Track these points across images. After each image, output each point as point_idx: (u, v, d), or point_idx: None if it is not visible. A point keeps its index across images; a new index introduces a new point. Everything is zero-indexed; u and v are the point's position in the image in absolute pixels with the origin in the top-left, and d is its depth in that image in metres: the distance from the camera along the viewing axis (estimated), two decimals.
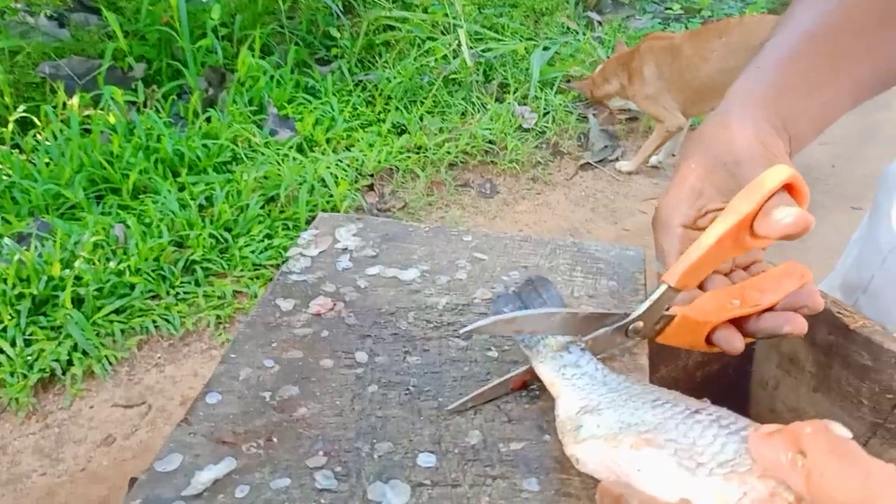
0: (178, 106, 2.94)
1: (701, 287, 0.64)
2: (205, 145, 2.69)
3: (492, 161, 2.95)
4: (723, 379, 0.89)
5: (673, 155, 3.04)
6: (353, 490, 0.51)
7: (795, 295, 0.58)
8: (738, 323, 0.61)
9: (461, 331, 0.58)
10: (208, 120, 2.83)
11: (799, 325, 0.57)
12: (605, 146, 3.07)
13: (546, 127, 3.11)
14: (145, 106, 2.87)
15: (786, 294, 0.58)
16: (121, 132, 2.65)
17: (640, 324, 0.61)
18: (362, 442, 0.55)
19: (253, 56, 3.02)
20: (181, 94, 3.02)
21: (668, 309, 0.60)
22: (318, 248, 0.72)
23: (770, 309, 0.58)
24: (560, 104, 3.21)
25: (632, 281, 0.71)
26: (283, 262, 0.71)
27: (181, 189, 2.56)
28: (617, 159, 3.04)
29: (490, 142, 2.97)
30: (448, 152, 2.88)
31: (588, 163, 3.01)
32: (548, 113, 3.16)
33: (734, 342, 0.58)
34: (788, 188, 0.55)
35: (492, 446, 0.55)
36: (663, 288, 0.58)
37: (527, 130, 3.07)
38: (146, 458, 1.86)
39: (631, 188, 2.92)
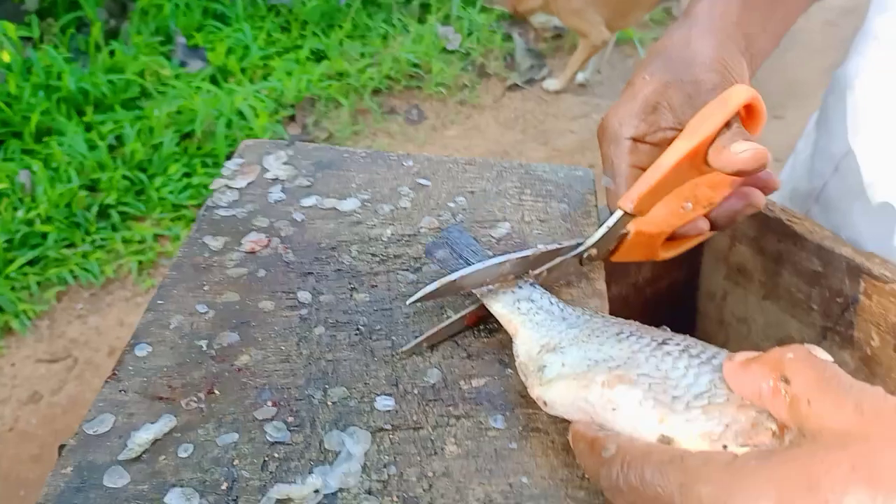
0: (78, 40, 2.74)
1: None
2: (110, 81, 2.52)
3: (417, 86, 2.86)
4: (672, 294, 0.88)
5: (599, 72, 3.01)
6: (309, 440, 0.47)
7: (751, 178, 0.57)
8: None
9: (408, 302, 0.54)
10: (112, 54, 2.65)
11: (756, 199, 0.56)
12: (532, 66, 3.01)
13: (471, 48, 3.03)
14: (42, 41, 2.67)
15: (740, 182, 0.56)
16: (17, 71, 2.46)
17: (595, 251, 0.58)
18: (313, 389, 0.50)
19: None
20: (80, 27, 2.81)
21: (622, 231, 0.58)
22: (246, 179, 0.66)
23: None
24: (484, 23, 3.12)
25: (583, 203, 0.68)
26: (208, 195, 0.65)
27: (88, 129, 2.40)
28: (544, 79, 2.99)
29: (415, 65, 2.88)
30: (371, 78, 2.78)
31: (515, 84, 2.96)
32: (472, 33, 3.08)
33: (700, 225, 0.57)
34: (748, 108, 0.53)
35: (452, 385, 0.51)
36: (618, 214, 0.56)
37: (451, 52, 2.99)
38: (77, 414, 1.79)
39: (560, 108, 2.89)
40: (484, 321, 0.56)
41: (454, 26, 3.08)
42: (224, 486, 0.44)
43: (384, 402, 0.50)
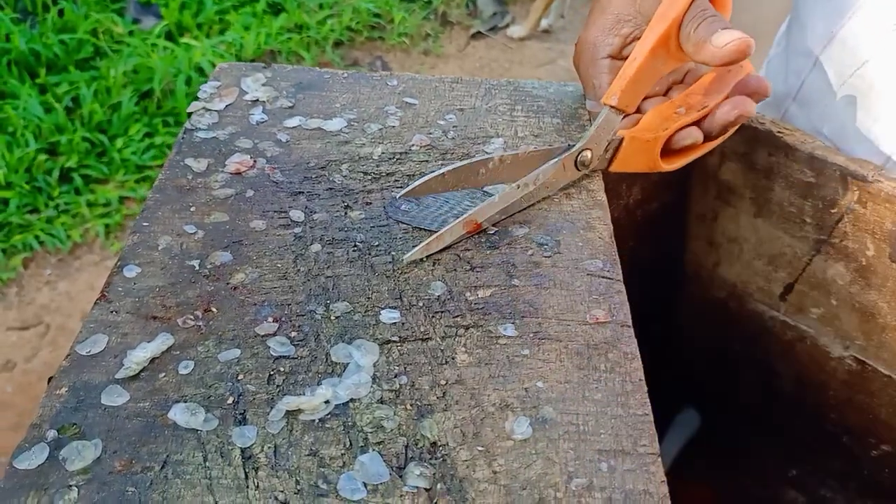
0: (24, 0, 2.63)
1: (641, 113, 0.61)
2: (62, 41, 2.43)
3: (380, 37, 2.81)
4: (663, 216, 0.87)
5: (563, 17, 2.98)
6: (315, 354, 0.45)
7: (742, 84, 0.57)
8: None
9: (396, 197, 0.52)
10: (61, 13, 2.55)
11: (747, 107, 0.56)
12: (495, 13, 2.97)
13: None
14: None
15: (730, 88, 0.56)
16: None
17: (588, 153, 0.57)
18: (315, 304, 0.48)
19: None
20: None
21: (614, 134, 0.57)
22: (224, 102, 0.63)
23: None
24: None
25: (575, 117, 0.66)
26: (187, 117, 0.62)
27: (43, 91, 2.32)
28: (507, 26, 2.95)
29: (376, 16, 2.81)
30: (332, 30, 2.72)
31: (479, 32, 2.91)
32: None
33: (693, 135, 0.56)
34: None
35: (458, 296, 0.50)
36: (605, 111, 0.55)
37: (413, 1, 2.93)
38: None
39: (524, 55, 2.86)
40: (483, 229, 0.54)
41: None
42: (230, 401, 0.42)
43: (389, 315, 0.48)
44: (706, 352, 0.93)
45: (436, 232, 0.53)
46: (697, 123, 0.59)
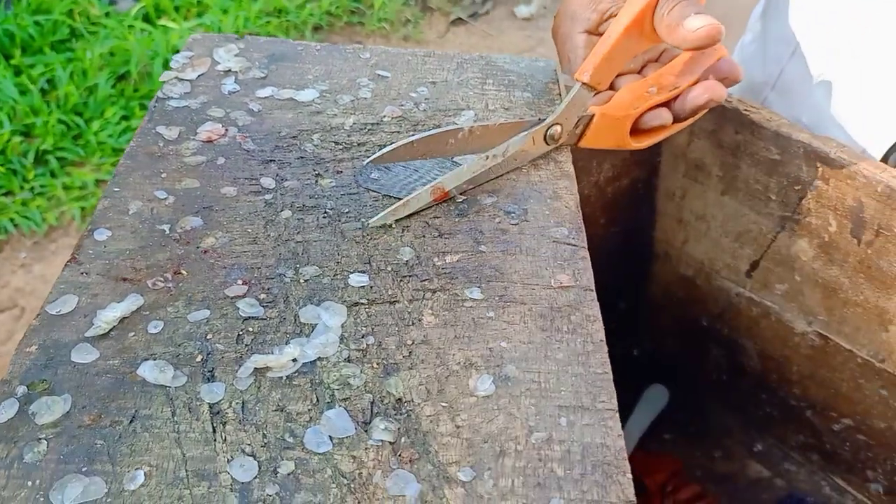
0: None
1: (614, 90, 0.62)
2: (37, 22, 2.40)
3: (359, 22, 2.80)
4: (632, 193, 0.88)
5: (545, 7, 2.98)
6: (283, 315, 0.46)
7: (714, 68, 0.58)
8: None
9: (364, 163, 0.53)
10: None
11: (716, 91, 0.57)
12: (475, 0, 2.97)
13: None
14: None
15: (701, 73, 0.57)
16: None
17: (558, 128, 0.58)
18: (284, 268, 0.49)
19: None
20: None
21: (585, 110, 0.58)
22: (197, 72, 0.63)
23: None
24: None
25: (546, 92, 0.67)
26: (158, 88, 0.62)
27: (17, 73, 2.29)
28: (487, 12, 2.95)
29: (356, 0, 2.80)
30: (311, 14, 2.70)
31: (459, 18, 2.91)
32: None
33: (662, 116, 0.57)
34: None
35: (426, 261, 0.51)
36: (577, 87, 0.56)
37: None
38: None
39: (504, 42, 2.86)
40: (450, 196, 0.55)
41: None
42: (199, 359, 0.43)
43: (358, 279, 0.49)
44: (674, 328, 0.95)
45: (405, 198, 0.54)
46: (668, 104, 0.59)
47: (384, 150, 0.52)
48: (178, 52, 2.18)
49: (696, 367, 0.94)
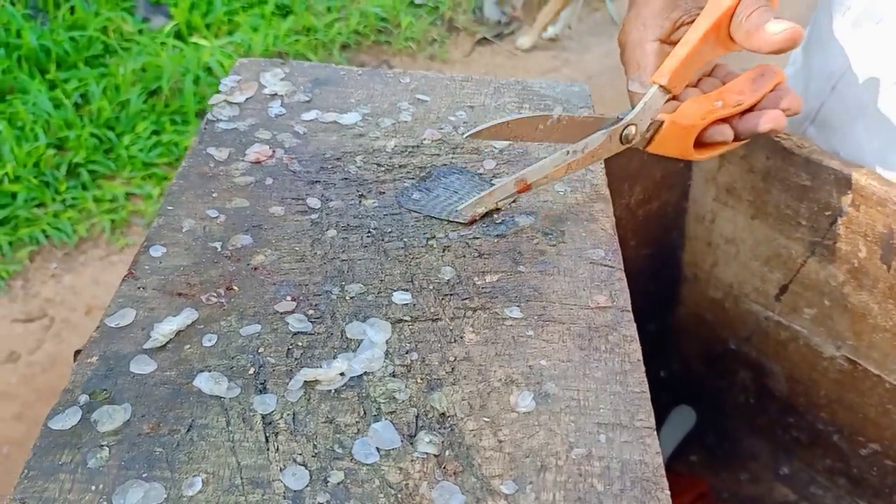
0: None
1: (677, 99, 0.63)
2: (72, 38, 2.45)
3: (386, 41, 2.84)
4: (663, 216, 0.89)
5: (569, 27, 3.01)
6: (331, 331, 0.48)
7: (774, 95, 0.59)
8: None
9: (465, 135, 0.56)
10: (72, 10, 2.57)
11: (780, 121, 0.58)
12: (500, 20, 3.00)
13: (439, 1, 3.00)
14: None
15: (763, 94, 0.58)
16: None
17: (633, 129, 0.59)
18: (331, 285, 0.51)
19: None
20: None
21: (657, 115, 0.59)
22: (245, 95, 0.66)
23: (751, 110, 0.58)
24: None
25: (583, 114, 0.69)
26: (207, 110, 0.64)
27: (52, 87, 2.34)
28: (512, 32, 2.98)
29: (383, 20, 2.85)
30: (339, 33, 2.75)
31: (484, 38, 2.94)
32: None
33: (725, 133, 0.58)
34: None
35: (466, 280, 0.52)
36: (653, 89, 0.58)
37: (419, 6, 2.96)
38: (57, 372, 1.77)
39: (529, 62, 2.89)
40: (492, 217, 0.57)
41: None
42: (251, 371, 0.45)
43: (401, 297, 0.50)
44: (702, 350, 0.96)
45: (445, 220, 0.56)
46: (729, 121, 0.61)
47: (482, 127, 0.53)
48: (208, 68, 2.21)
49: (723, 390, 0.95)
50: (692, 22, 0.58)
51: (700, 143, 0.61)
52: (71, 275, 2.00)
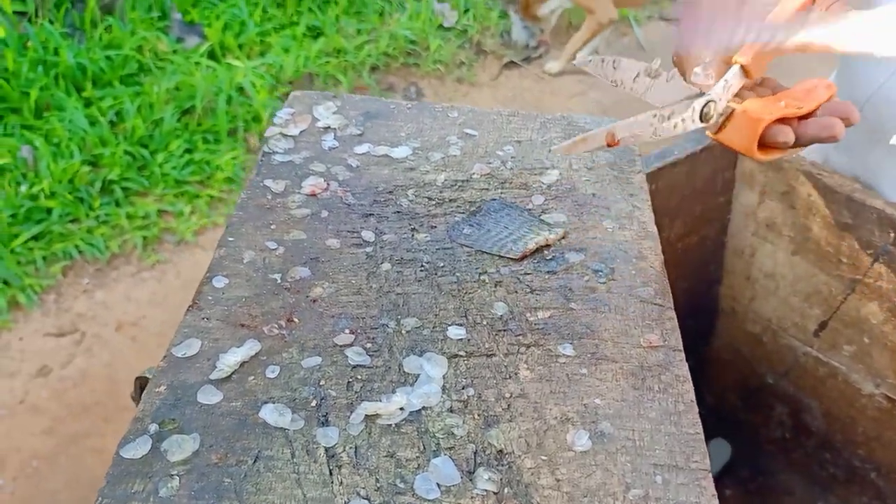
0: (73, 16, 2.71)
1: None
2: (108, 57, 2.50)
3: (415, 63, 2.87)
4: (701, 250, 0.90)
5: (596, 52, 3.02)
6: (388, 364, 0.49)
7: (831, 105, 0.61)
8: None
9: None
10: (108, 29, 2.62)
11: (839, 129, 0.58)
12: (528, 44, 3.02)
13: (468, 25, 3.03)
14: (37, 16, 2.64)
15: (820, 103, 0.59)
16: (13, 46, 2.43)
17: (712, 106, 0.59)
18: (387, 319, 0.52)
19: None
20: (74, 3, 2.79)
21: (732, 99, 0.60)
22: (299, 128, 0.67)
23: (808, 116, 0.59)
24: (480, 0, 3.12)
25: (628, 151, 0.70)
26: (263, 142, 0.66)
27: (88, 105, 2.39)
28: (540, 56, 3.00)
29: (412, 42, 2.88)
30: (369, 55, 2.78)
31: (512, 61, 2.97)
32: (468, 10, 3.08)
33: (787, 134, 0.59)
34: None
35: (519, 316, 0.53)
36: (735, 68, 0.59)
37: (448, 29, 2.99)
38: (88, 387, 1.79)
39: (556, 86, 2.90)
40: (543, 254, 0.57)
41: (450, 3, 3.08)
42: (314, 404, 0.46)
43: (456, 332, 0.51)
44: (738, 384, 0.96)
45: (497, 255, 0.57)
46: (790, 123, 0.62)
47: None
48: (241, 88, 2.24)
49: (759, 424, 0.95)
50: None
51: (762, 144, 0.62)
52: (102, 290, 2.03)
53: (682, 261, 0.88)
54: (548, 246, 0.58)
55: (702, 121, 0.59)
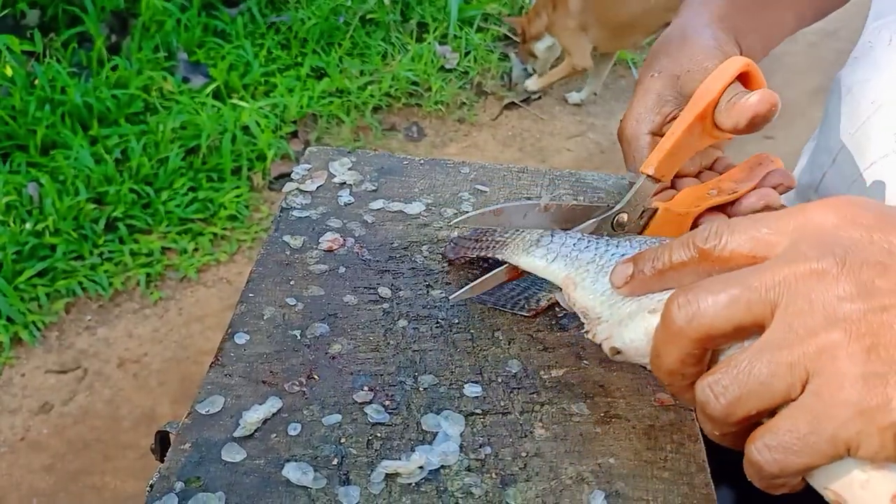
0: (80, 55, 2.75)
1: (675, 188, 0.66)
2: (114, 96, 2.54)
3: (417, 103, 2.91)
4: None
5: (595, 94, 3.07)
6: (407, 422, 0.50)
7: (769, 176, 0.63)
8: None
9: (450, 223, 0.62)
10: (114, 69, 2.66)
11: (773, 198, 0.61)
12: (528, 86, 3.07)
13: (468, 67, 3.08)
14: (44, 56, 2.68)
15: (758, 182, 0.62)
16: (21, 85, 2.47)
17: (625, 216, 0.62)
18: (405, 376, 0.53)
19: None
20: (81, 43, 2.83)
21: (650, 203, 0.62)
22: (316, 183, 0.69)
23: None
24: (481, 43, 3.18)
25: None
26: (283, 197, 0.68)
27: (93, 143, 2.42)
28: (540, 97, 3.05)
29: (414, 83, 2.92)
30: (372, 95, 2.82)
31: (512, 102, 3.01)
32: (469, 53, 3.14)
33: (720, 219, 0.61)
34: (744, 77, 0.59)
35: (533, 374, 0.54)
36: (642, 178, 0.61)
37: (449, 71, 3.04)
38: (89, 424, 1.79)
39: (556, 126, 2.95)
40: (555, 312, 0.59)
41: (451, 45, 3.14)
42: (335, 462, 0.47)
43: (472, 389, 0.53)
44: None
45: (510, 311, 0.58)
46: (724, 209, 0.64)
47: (468, 216, 0.57)
48: (246, 127, 2.28)
49: None
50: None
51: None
52: (105, 327, 2.04)
53: None
54: (558, 303, 0.60)
55: (615, 229, 0.61)
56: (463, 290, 0.57)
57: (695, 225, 0.64)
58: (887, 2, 0.81)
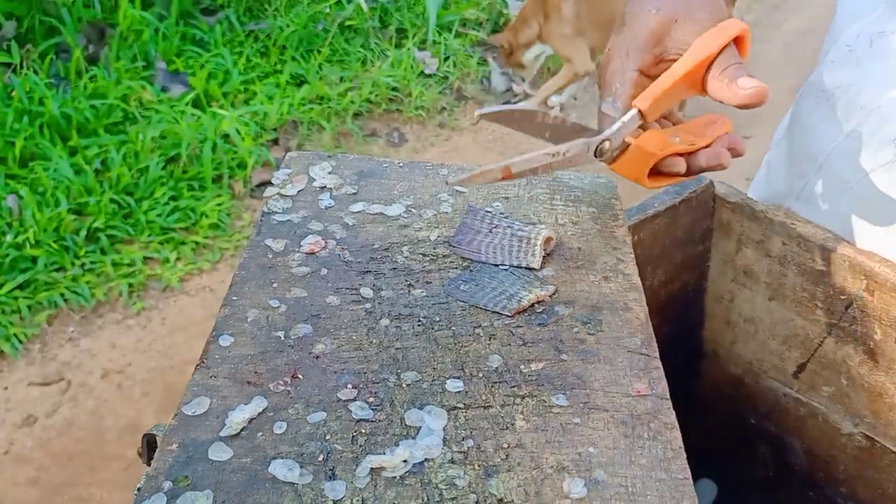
0: (58, 66, 2.74)
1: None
2: (93, 106, 2.53)
3: (397, 109, 2.92)
4: (683, 296, 0.93)
5: (574, 98, 3.10)
6: (391, 418, 0.51)
7: (723, 139, 0.66)
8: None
9: (477, 113, 0.65)
10: (93, 79, 2.66)
11: (724, 158, 0.65)
12: (507, 89, 3.09)
13: (448, 72, 3.10)
14: (21, 67, 2.67)
15: (713, 139, 0.65)
16: None
17: (607, 144, 0.65)
18: (388, 373, 0.54)
19: (133, 7, 2.84)
20: (59, 53, 2.82)
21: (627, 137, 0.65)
22: (296, 188, 0.70)
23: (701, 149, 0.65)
24: (460, 48, 3.20)
25: (610, 206, 0.73)
26: (264, 201, 0.69)
27: (73, 154, 2.41)
28: (519, 101, 3.07)
29: (394, 89, 2.93)
30: (352, 102, 2.83)
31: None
32: (448, 58, 3.15)
33: (680, 165, 0.65)
34: (737, 40, 0.63)
35: (514, 368, 0.56)
36: (633, 112, 0.64)
37: (429, 76, 3.05)
38: (73, 436, 1.78)
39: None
40: (534, 309, 0.60)
41: (431, 51, 3.15)
42: (321, 458, 0.48)
43: (454, 384, 0.54)
44: (722, 425, 0.98)
45: (491, 310, 0.60)
46: (682, 156, 0.66)
47: (495, 109, 0.65)
48: (226, 136, 2.28)
49: (743, 464, 0.97)
50: (672, 60, 0.64)
51: (655, 173, 0.66)
52: (88, 338, 2.03)
53: (666, 306, 0.92)
54: (539, 301, 0.61)
55: (596, 155, 0.64)
56: (461, 177, 0.61)
57: (655, 167, 0.66)
58: (857, 3, 0.82)
